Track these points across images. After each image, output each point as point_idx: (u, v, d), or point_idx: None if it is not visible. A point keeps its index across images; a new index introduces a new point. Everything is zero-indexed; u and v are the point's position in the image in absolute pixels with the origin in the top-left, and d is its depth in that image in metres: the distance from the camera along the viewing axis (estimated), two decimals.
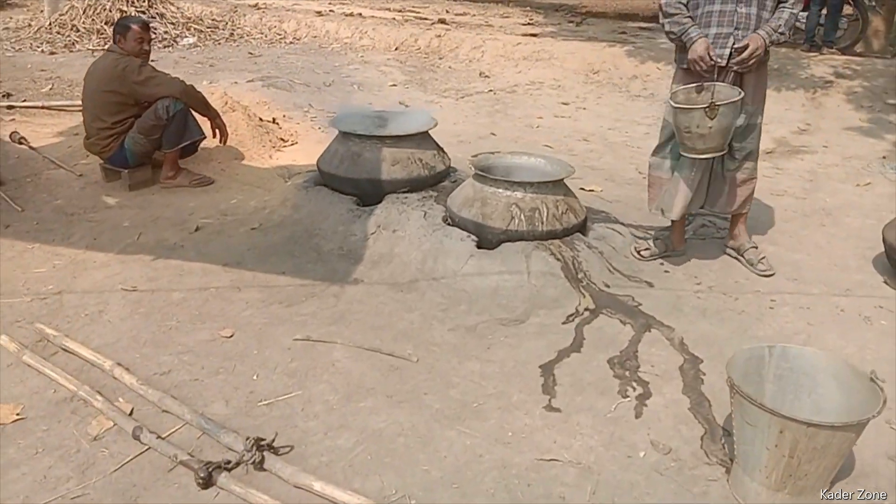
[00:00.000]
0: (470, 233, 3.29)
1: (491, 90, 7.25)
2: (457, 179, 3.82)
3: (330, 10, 10.70)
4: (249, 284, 3.18)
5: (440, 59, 8.46)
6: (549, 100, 6.90)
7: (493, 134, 5.72)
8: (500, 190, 3.24)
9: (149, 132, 4.03)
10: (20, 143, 4.91)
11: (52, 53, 8.22)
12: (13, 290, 3.10)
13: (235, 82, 6.57)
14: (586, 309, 2.92)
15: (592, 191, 4.36)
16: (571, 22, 10.51)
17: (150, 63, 4.06)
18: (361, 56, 8.54)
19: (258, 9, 10.85)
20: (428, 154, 3.76)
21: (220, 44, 9.15)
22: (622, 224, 3.60)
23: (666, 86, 7.24)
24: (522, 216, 3.19)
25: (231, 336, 2.78)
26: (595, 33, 9.30)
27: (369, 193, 3.68)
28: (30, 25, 9.65)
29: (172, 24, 9.44)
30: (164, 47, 8.76)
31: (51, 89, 6.45)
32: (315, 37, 9.68)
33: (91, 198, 4.13)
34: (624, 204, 4.13)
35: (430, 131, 3.85)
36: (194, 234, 3.65)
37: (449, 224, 3.39)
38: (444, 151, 3.94)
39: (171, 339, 2.75)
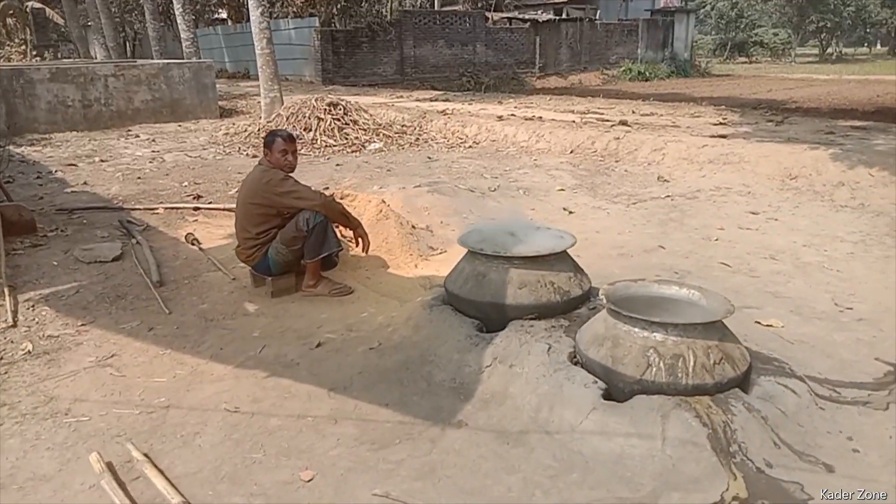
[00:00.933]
0: (597, 377, 2.78)
1: (668, 195, 6.66)
2: (595, 307, 3.34)
3: (511, 115, 10.78)
4: (348, 416, 2.91)
5: (616, 162, 8.03)
6: (735, 208, 6.16)
7: (662, 247, 5.13)
8: (636, 330, 2.72)
9: (290, 243, 4.04)
10: (192, 244, 5.23)
11: (254, 157, 9.00)
12: (128, 401, 3.11)
13: (403, 187, 6.63)
14: (735, 497, 2.26)
15: (771, 325, 3.62)
16: (771, 121, 9.60)
17: (292, 175, 4.11)
18: (534, 160, 8.38)
19: (444, 115, 11.23)
20: (562, 277, 3.33)
21: (403, 148, 9.50)
22: (800, 378, 2.86)
23: (880, 195, 6.21)
24: (662, 364, 2.63)
25: (310, 480, 2.50)
26: (797, 133, 8.36)
27: (493, 318, 3.33)
28: (245, 131, 10.76)
29: (364, 130, 10.01)
30: (352, 152, 9.26)
31: (237, 191, 6.97)
32: (493, 140, 9.74)
33: (234, 303, 4.20)
34: (809, 347, 3.36)
35: (569, 250, 3.44)
36: (314, 350, 3.51)
37: (575, 363, 2.92)
38: (583, 273, 3.49)
39: (251, 475, 2.54)
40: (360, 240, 4.25)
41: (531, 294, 3.25)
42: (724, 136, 8.09)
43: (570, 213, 6.19)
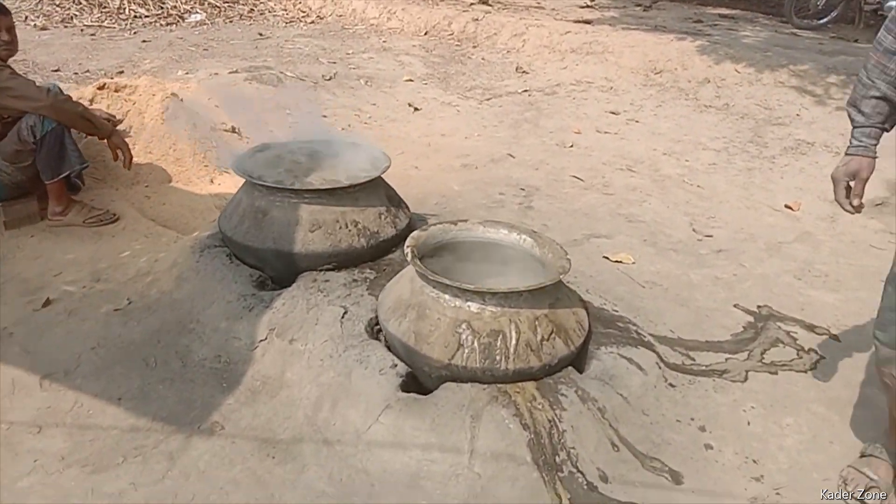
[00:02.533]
0: (399, 358, 2.12)
1: (526, 90, 5.96)
2: (427, 226, 2.62)
3: None
4: (60, 420, 2.10)
5: (473, 47, 7.18)
6: (595, 106, 5.56)
7: (511, 155, 4.47)
8: (447, 297, 2.05)
9: (14, 158, 3.01)
10: None
11: (42, 28, 7.36)
12: None
13: (215, 73, 5.50)
14: None
15: (620, 262, 3.08)
16: (639, 5, 9.00)
17: (8, 65, 2.98)
18: (383, 41, 7.35)
19: None
20: (369, 214, 2.58)
21: (231, 21, 8.13)
22: (647, 345, 2.33)
23: (746, 94, 5.82)
24: (476, 343, 1.99)
25: None
26: (664, 21, 7.81)
27: (278, 269, 2.55)
28: None
29: None
30: (168, 24, 7.80)
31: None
32: (340, 16, 8.55)
33: None
34: (662, 292, 2.85)
35: (392, 171, 2.67)
36: (40, 311, 2.61)
37: (378, 332, 2.23)
38: (399, 205, 2.75)
39: None
40: (116, 151, 3.25)
41: (327, 238, 2.48)
42: (588, 22, 7.40)
43: (416, 109, 5.38)
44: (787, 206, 3.82)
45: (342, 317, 2.28)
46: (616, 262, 3.08)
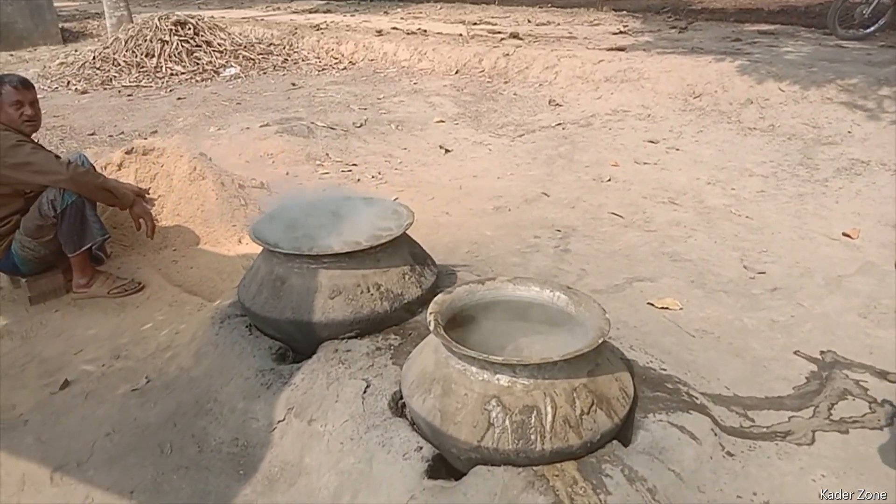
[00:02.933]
0: (425, 438, 1.95)
1: (560, 123, 5.80)
2: (452, 288, 2.45)
3: (394, 28, 9.55)
4: None
5: (505, 83, 7.07)
6: (633, 136, 5.36)
7: (546, 194, 4.29)
8: (473, 370, 1.87)
9: (36, 234, 2.97)
10: None
11: (83, 93, 7.56)
12: None
13: (247, 128, 5.51)
14: None
15: (667, 308, 2.86)
16: (674, 28, 8.78)
17: (31, 139, 2.97)
18: (415, 83, 7.31)
19: (319, 30, 9.89)
20: (392, 275, 2.43)
21: (265, 73, 8.22)
22: (700, 410, 2.10)
23: (791, 113, 5.53)
24: (508, 422, 1.80)
25: None
26: (701, 42, 7.58)
27: (298, 339, 2.42)
28: (82, 59, 9.14)
29: (220, 52, 8.62)
30: (203, 80, 7.92)
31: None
32: (372, 60, 8.56)
33: None
34: (713, 341, 2.61)
35: (408, 231, 2.53)
36: (56, 394, 2.53)
37: (396, 413, 2.06)
38: (424, 262, 2.60)
39: None
40: (139, 221, 3.20)
41: (347, 304, 2.34)
42: (622, 49, 7.22)
43: (447, 151, 5.26)
44: (844, 235, 3.54)
45: (364, 392, 2.13)
46: (662, 308, 2.86)
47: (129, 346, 2.78)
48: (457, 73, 7.62)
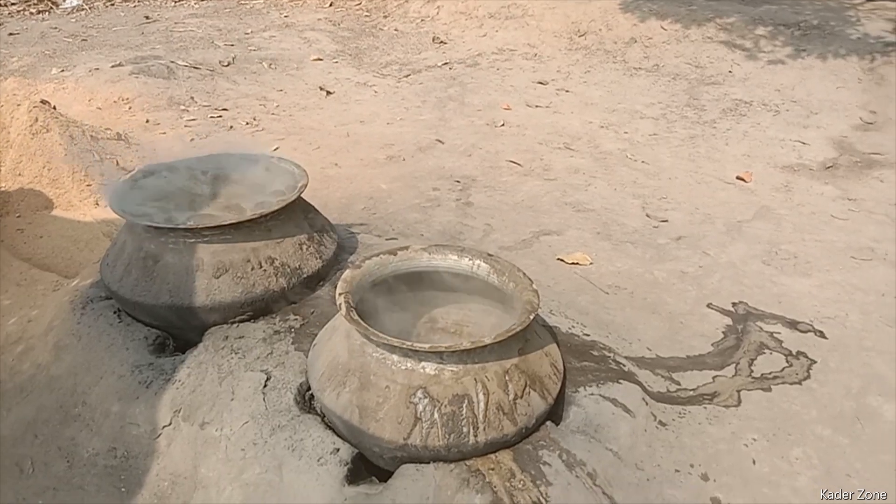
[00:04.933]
0: (341, 437, 1.72)
1: (446, 63, 5.53)
2: (349, 264, 2.17)
3: None
4: None
5: (384, 17, 6.67)
6: (521, 77, 5.20)
7: (440, 141, 4.06)
8: (394, 358, 1.65)
9: None
10: None
11: None
12: None
13: (96, 68, 4.83)
14: None
15: (576, 264, 2.75)
16: None
17: None
18: (285, 16, 6.74)
19: None
20: (287, 246, 2.14)
21: (112, 5, 7.30)
22: (629, 377, 2.00)
23: (675, 52, 5.57)
24: (437, 415, 1.61)
25: None
26: None
27: (179, 326, 2.09)
28: None
29: None
30: (39, 12, 6.92)
31: None
32: None
33: None
34: (627, 297, 2.53)
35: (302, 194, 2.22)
36: None
37: (304, 409, 1.82)
38: (324, 229, 2.32)
39: None
40: None
41: (236, 283, 2.03)
42: None
43: (329, 93, 4.87)
44: (738, 178, 3.58)
45: (264, 385, 1.86)
46: (572, 263, 2.75)
47: None
48: (331, 5, 7.10)
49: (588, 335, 2.16)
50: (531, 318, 1.70)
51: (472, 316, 2.13)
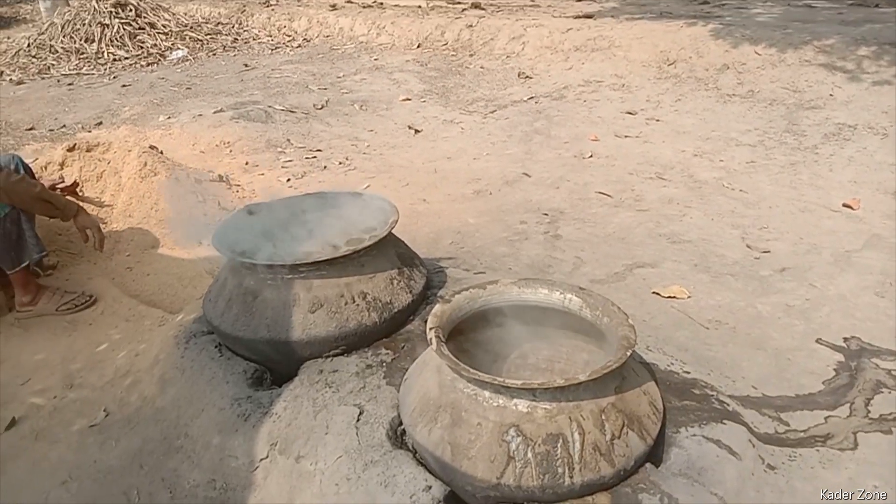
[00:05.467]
0: (433, 474, 1.70)
1: (532, 97, 5.54)
2: (438, 298, 2.16)
3: (347, 2, 9.13)
4: None
5: (470, 56, 6.77)
6: (609, 108, 5.14)
7: (527, 174, 4.05)
8: (486, 394, 1.63)
9: None
10: None
11: (18, 83, 7.02)
12: None
13: (199, 114, 5.12)
14: None
15: (673, 297, 2.65)
16: None
17: None
18: (375, 59, 6.96)
19: (268, 6, 9.40)
20: (379, 281, 2.16)
21: (215, 54, 7.76)
22: (734, 418, 1.89)
23: (770, 77, 5.36)
24: (530, 455, 1.57)
25: None
26: (668, 5, 7.37)
27: (276, 360, 2.14)
28: (15, 47, 8.53)
29: (164, 34, 8.10)
30: (148, 65, 7.43)
31: None
32: (328, 36, 8.16)
33: None
34: (729, 332, 2.41)
35: (393, 230, 2.25)
36: (2, 435, 2.21)
37: (396, 444, 1.81)
38: (413, 264, 2.34)
39: None
40: (86, 232, 2.86)
41: (331, 318, 2.07)
42: (590, 16, 6.97)
43: (417, 132, 4.97)
44: (845, 206, 3.37)
45: (357, 420, 1.87)
46: (669, 297, 2.65)
47: (84, 371, 2.47)
48: (419, 47, 7.28)
49: (688, 372, 2.07)
50: (628, 354, 1.64)
51: (563, 352, 2.09)
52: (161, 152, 3.91)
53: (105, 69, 7.28)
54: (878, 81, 4.83)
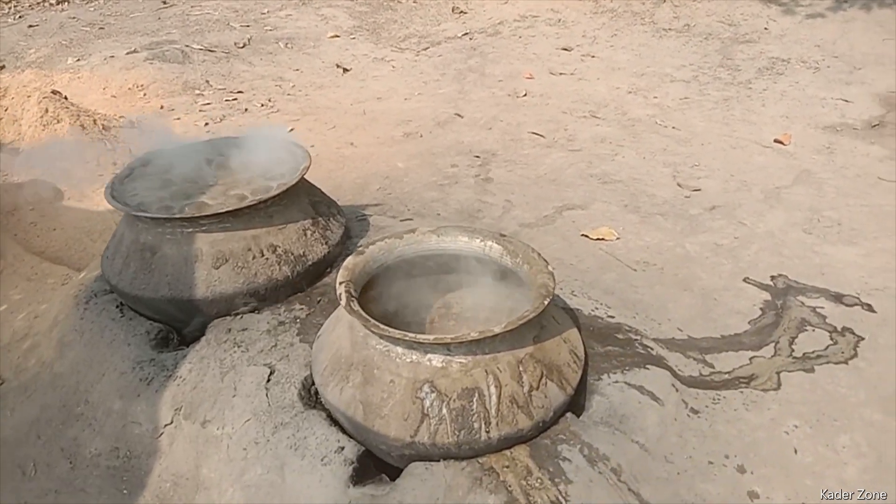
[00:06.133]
0: (346, 433, 1.62)
1: (466, 33, 5.35)
2: (364, 247, 2.06)
3: None
4: None
5: None
6: (545, 44, 4.99)
7: (459, 115, 3.90)
8: (399, 350, 1.54)
9: None
10: None
11: None
12: None
13: (111, 56, 4.77)
14: None
15: (602, 239, 2.59)
16: None
17: None
18: None
19: None
20: (290, 232, 2.03)
21: None
22: (657, 355, 1.86)
23: (706, 10, 5.28)
24: (445, 410, 1.49)
25: None
26: None
27: (181, 319, 2.01)
28: None
29: None
30: (59, 2, 6.89)
31: None
32: None
33: None
34: (657, 273, 2.37)
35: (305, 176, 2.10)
36: None
37: (309, 404, 1.72)
38: (329, 212, 2.20)
39: None
40: None
41: (237, 273, 1.93)
42: None
43: (346, 70, 4.74)
44: (776, 141, 3.36)
45: (267, 380, 1.76)
46: (597, 239, 2.59)
47: None
48: None
49: (613, 317, 2.02)
50: (545, 303, 1.57)
51: (488, 300, 2.00)
52: (66, 97, 3.61)
53: (9, 8, 6.72)
54: (812, 14, 4.81)
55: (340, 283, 1.65)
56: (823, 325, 2.10)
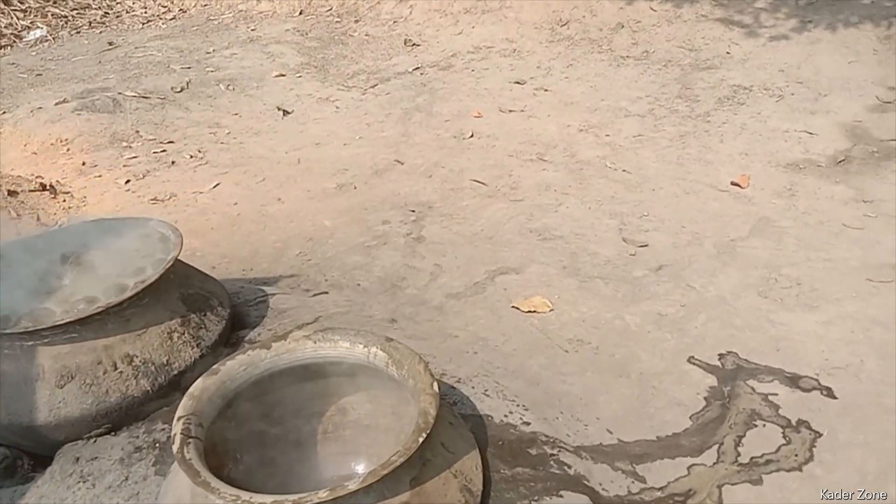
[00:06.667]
0: None
1: (417, 67, 5.10)
2: (244, 343, 1.76)
3: None
4: None
5: (356, 22, 6.24)
6: (497, 77, 4.75)
7: (399, 162, 3.64)
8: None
9: None
10: None
11: None
12: None
13: (39, 108, 4.50)
14: None
15: (534, 311, 2.32)
16: None
17: None
18: (252, 29, 6.36)
19: None
20: (151, 339, 1.75)
21: (78, 33, 6.99)
22: (577, 475, 1.57)
23: (666, 35, 5.06)
24: None
25: None
26: None
27: (26, 445, 1.72)
28: None
29: (22, 11, 7.26)
30: (2, 46, 6.63)
31: None
32: (205, 5, 7.46)
33: None
34: (592, 354, 2.10)
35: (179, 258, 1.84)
36: None
37: None
38: (207, 307, 1.92)
39: None
40: None
41: (85, 392, 1.65)
42: None
43: (286, 113, 4.48)
44: (733, 184, 3.10)
45: None
46: (529, 312, 2.32)
47: None
48: (300, 13, 6.70)
49: (529, 423, 1.74)
50: (420, 440, 1.29)
51: (387, 405, 1.73)
52: None
53: None
54: (776, 36, 4.58)
55: (178, 420, 1.37)
56: (776, 419, 1.82)
